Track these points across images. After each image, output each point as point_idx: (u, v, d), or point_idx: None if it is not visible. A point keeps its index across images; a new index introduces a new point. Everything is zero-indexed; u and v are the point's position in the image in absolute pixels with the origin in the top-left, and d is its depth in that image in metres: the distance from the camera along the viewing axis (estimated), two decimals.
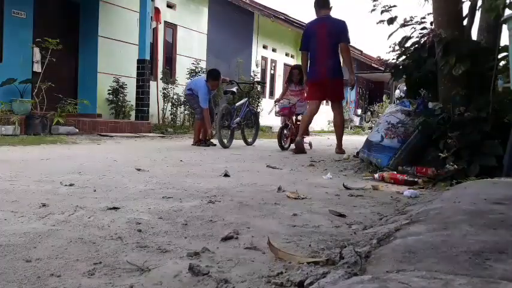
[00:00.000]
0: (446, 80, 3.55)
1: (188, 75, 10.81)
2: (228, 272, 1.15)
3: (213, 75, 6.69)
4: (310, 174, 3.48)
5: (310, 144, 6.62)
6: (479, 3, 3.71)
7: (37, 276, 1.08)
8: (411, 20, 3.88)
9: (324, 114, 17.70)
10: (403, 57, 4.02)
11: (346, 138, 12.84)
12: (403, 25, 3.89)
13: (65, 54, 8.56)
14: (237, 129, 6.93)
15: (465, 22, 3.76)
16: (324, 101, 7.32)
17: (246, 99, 7.18)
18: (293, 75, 6.80)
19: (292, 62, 17.52)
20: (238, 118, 6.75)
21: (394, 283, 0.83)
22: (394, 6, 3.95)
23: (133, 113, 9.67)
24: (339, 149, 5.64)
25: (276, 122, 12.89)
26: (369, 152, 3.71)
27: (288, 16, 16.96)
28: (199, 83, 6.68)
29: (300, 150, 5.59)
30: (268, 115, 7.85)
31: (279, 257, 1.26)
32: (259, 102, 13.30)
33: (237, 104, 7.01)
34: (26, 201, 1.99)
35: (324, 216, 1.88)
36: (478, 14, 3.87)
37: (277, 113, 6.66)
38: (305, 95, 6.67)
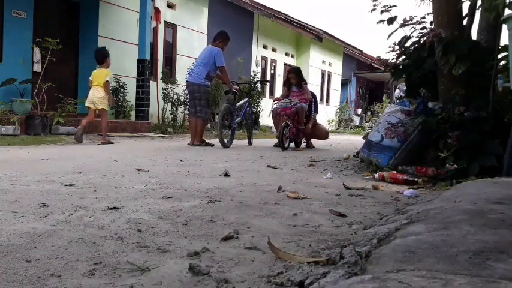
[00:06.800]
0: (446, 79, 3.55)
1: (188, 75, 10.79)
2: (228, 271, 1.15)
3: (223, 33, 6.60)
4: (310, 174, 3.48)
5: (310, 144, 7.07)
6: (479, 2, 3.70)
7: (37, 276, 1.08)
8: (411, 20, 3.88)
9: (325, 115, 17.75)
10: (403, 57, 4.02)
11: (346, 138, 12.87)
12: (403, 25, 3.89)
13: (65, 54, 8.56)
14: (237, 129, 6.94)
15: (465, 22, 3.76)
16: (325, 102, 7.50)
17: (246, 99, 7.19)
18: (290, 79, 6.89)
19: (292, 61, 17.52)
20: (239, 118, 6.76)
21: (394, 283, 0.83)
22: (394, 6, 3.95)
23: (133, 113, 9.66)
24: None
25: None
26: (369, 152, 3.71)
27: (288, 16, 16.96)
28: (211, 50, 6.47)
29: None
30: (268, 117, 7.87)
31: (279, 256, 1.26)
32: (259, 102, 13.30)
33: (238, 104, 7.02)
34: (26, 201, 1.99)
35: (324, 216, 1.88)
36: (478, 14, 3.87)
37: (278, 112, 6.63)
38: (305, 96, 6.71)
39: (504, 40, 3.32)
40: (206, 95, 6.48)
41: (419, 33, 3.83)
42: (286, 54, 17.44)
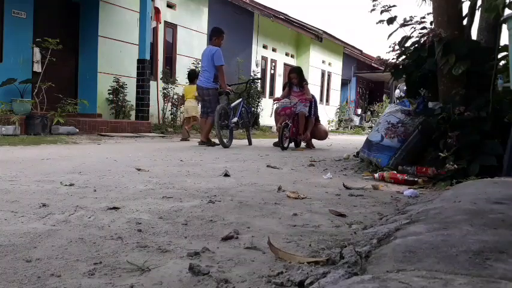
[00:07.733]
0: (446, 79, 3.55)
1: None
2: (228, 271, 1.15)
3: (215, 30, 6.81)
4: (310, 174, 3.48)
5: (310, 144, 7.07)
6: (479, 2, 3.71)
7: (37, 276, 1.08)
8: (411, 20, 3.88)
9: (325, 115, 17.75)
10: (403, 57, 4.02)
11: (346, 138, 12.86)
12: (403, 25, 3.89)
13: (65, 54, 8.57)
14: (235, 129, 6.98)
15: (465, 22, 3.76)
16: (324, 102, 7.47)
17: (240, 99, 7.24)
18: (291, 79, 6.90)
19: (292, 61, 17.52)
20: (236, 118, 6.80)
21: (394, 283, 0.83)
22: (394, 6, 3.95)
23: (133, 113, 9.67)
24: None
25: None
26: (369, 152, 3.71)
27: (288, 16, 16.97)
28: (210, 51, 6.67)
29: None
30: (271, 117, 7.90)
31: (279, 256, 1.26)
32: (259, 102, 13.29)
33: (233, 104, 7.05)
34: (26, 201, 1.99)
35: (324, 216, 1.88)
36: (478, 14, 3.87)
37: (278, 112, 6.66)
38: (305, 96, 6.73)
39: (504, 40, 3.33)
40: (215, 97, 6.74)
41: (419, 33, 3.83)
42: (286, 54, 17.45)
